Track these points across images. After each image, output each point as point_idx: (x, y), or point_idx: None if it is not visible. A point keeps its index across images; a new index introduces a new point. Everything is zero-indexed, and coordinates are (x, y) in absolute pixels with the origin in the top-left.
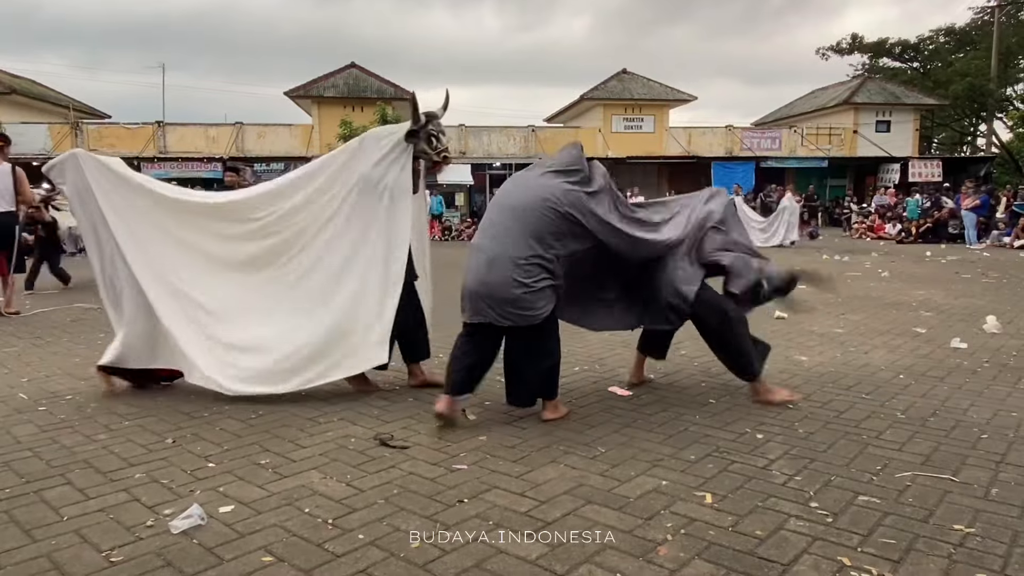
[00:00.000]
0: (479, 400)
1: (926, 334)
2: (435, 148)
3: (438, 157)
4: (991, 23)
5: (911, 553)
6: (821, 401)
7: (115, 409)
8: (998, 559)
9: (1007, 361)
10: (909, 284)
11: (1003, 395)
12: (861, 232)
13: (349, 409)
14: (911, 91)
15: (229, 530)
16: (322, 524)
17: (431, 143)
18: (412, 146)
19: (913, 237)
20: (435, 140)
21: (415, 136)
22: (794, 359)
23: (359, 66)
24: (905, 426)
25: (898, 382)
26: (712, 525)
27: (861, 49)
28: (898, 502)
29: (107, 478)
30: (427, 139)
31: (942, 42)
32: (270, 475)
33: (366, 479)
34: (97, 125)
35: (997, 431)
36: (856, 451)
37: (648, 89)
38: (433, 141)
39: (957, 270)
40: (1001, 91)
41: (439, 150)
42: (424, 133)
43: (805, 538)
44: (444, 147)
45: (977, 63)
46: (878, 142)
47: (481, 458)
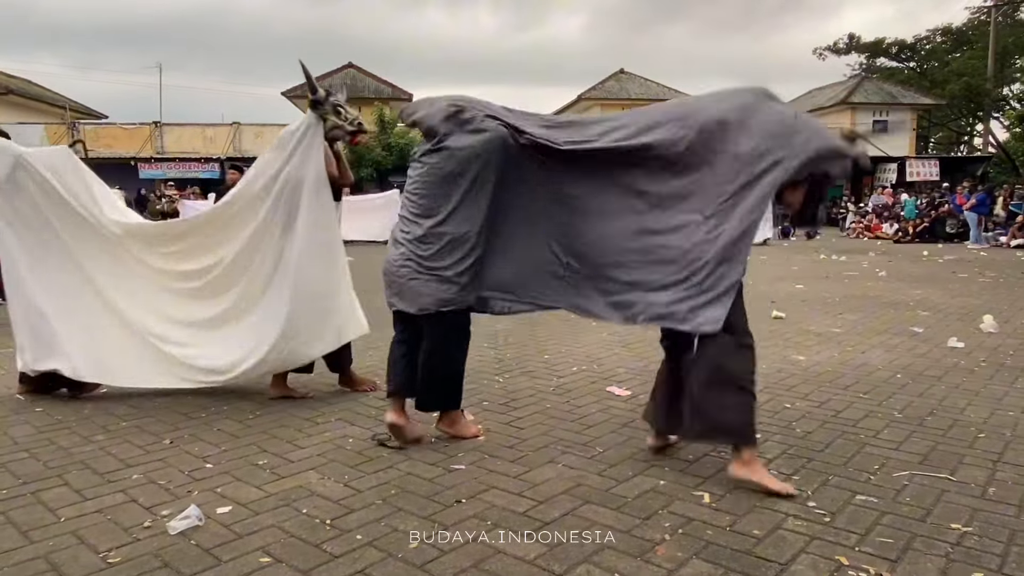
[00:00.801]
0: (477, 401)
1: (923, 333)
2: (345, 119)
3: (353, 127)
4: (988, 23)
5: (908, 552)
6: (819, 400)
7: (112, 410)
8: (995, 558)
9: (1004, 360)
10: (906, 283)
11: (1000, 394)
12: (858, 232)
13: (347, 410)
14: (908, 91)
15: (227, 531)
16: (320, 525)
17: (339, 114)
18: (322, 125)
19: (910, 237)
20: (343, 110)
21: (321, 107)
22: (791, 359)
23: (356, 66)
24: (902, 425)
25: (895, 381)
26: (710, 524)
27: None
28: (896, 501)
29: (104, 479)
30: (334, 111)
31: (939, 42)
32: (268, 476)
33: (364, 479)
34: (94, 125)
35: (994, 430)
36: (854, 450)
37: (646, 89)
38: (341, 112)
39: (954, 269)
40: (998, 91)
41: (350, 119)
42: (329, 104)
43: (803, 537)
44: (355, 116)
45: (974, 63)
46: (875, 142)
47: (479, 458)
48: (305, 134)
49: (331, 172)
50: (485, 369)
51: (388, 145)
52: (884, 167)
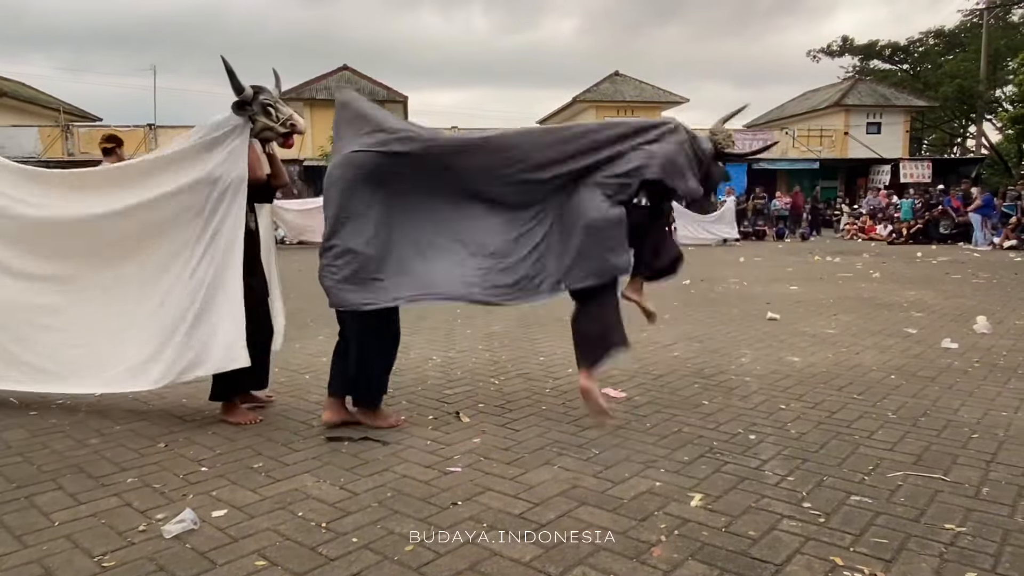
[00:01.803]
0: (472, 403)
1: (917, 334)
2: (277, 119)
3: (285, 128)
4: (980, 25)
5: (903, 552)
6: (813, 401)
7: (107, 414)
8: (989, 558)
9: (997, 361)
10: (900, 285)
11: (993, 395)
12: (852, 233)
13: None
14: (901, 93)
15: (222, 534)
16: (316, 528)
17: (269, 114)
18: (249, 126)
19: (904, 238)
20: (273, 110)
21: (248, 107)
22: (786, 360)
23: (351, 68)
24: (896, 426)
25: (889, 382)
26: (705, 526)
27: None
28: (890, 502)
29: (99, 483)
30: (263, 110)
31: (932, 44)
32: (263, 479)
33: (359, 482)
34: (88, 128)
35: (987, 431)
36: (848, 451)
37: (640, 91)
38: (272, 112)
39: (948, 271)
40: (990, 93)
41: (282, 119)
42: (258, 104)
43: (798, 538)
44: (287, 115)
45: (966, 65)
46: (869, 143)
47: (475, 460)
48: (229, 136)
49: (259, 176)
50: (481, 371)
51: None
52: (878, 169)
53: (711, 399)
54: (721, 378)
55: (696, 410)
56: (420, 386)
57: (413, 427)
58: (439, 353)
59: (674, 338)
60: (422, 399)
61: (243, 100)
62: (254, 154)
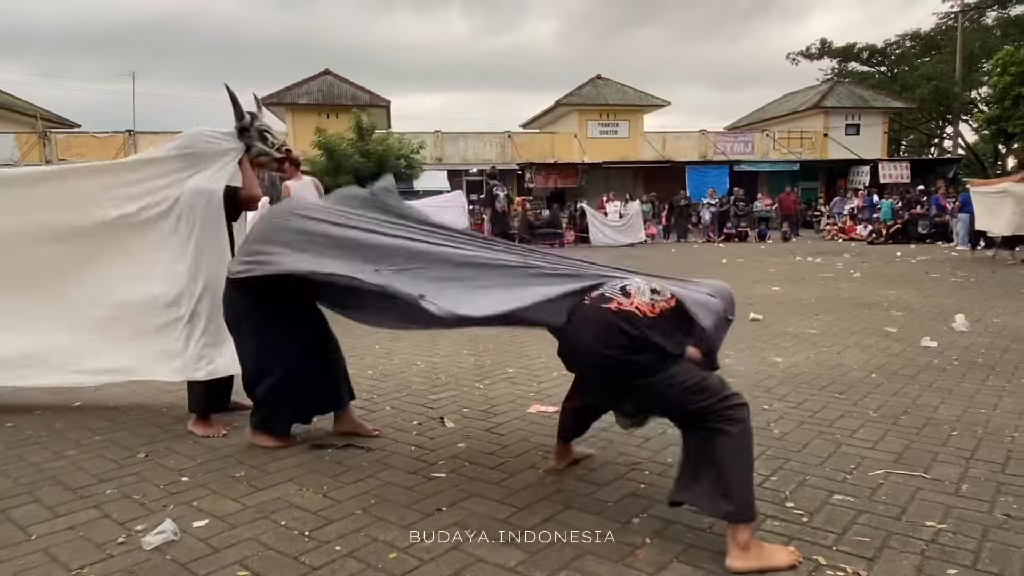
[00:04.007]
0: (457, 408)
1: (897, 333)
2: (272, 145)
3: (280, 153)
4: (955, 28)
5: (885, 550)
6: (796, 401)
7: (85, 424)
8: (969, 554)
9: (976, 359)
10: (880, 284)
11: (972, 392)
12: (833, 233)
13: (326, 418)
14: (879, 95)
15: (203, 545)
16: (298, 536)
17: (265, 139)
18: (244, 151)
19: (884, 238)
20: (269, 136)
21: (246, 133)
22: (769, 360)
23: (333, 73)
24: (878, 424)
25: (870, 381)
26: (689, 527)
27: (830, 54)
28: (871, 500)
29: (77, 495)
30: (260, 136)
31: (908, 47)
32: (245, 488)
33: (343, 490)
34: (65, 134)
35: (967, 428)
36: (830, 450)
37: (622, 94)
38: (268, 138)
39: (927, 270)
40: (966, 94)
41: (277, 146)
42: (255, 130)
43: (781, 538)
44: (281, 142)
45: (942, 67)
46: (848, 145)
47: (459, 466)
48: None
49: (255, 194)
50: (465, 376)
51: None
52: (857, 170)
53: None
54: None
55: None
56: (404, 392)
57: (398, 433)
58: (423, 358)
59: None
60: (406, 405)
61: (243, 127)
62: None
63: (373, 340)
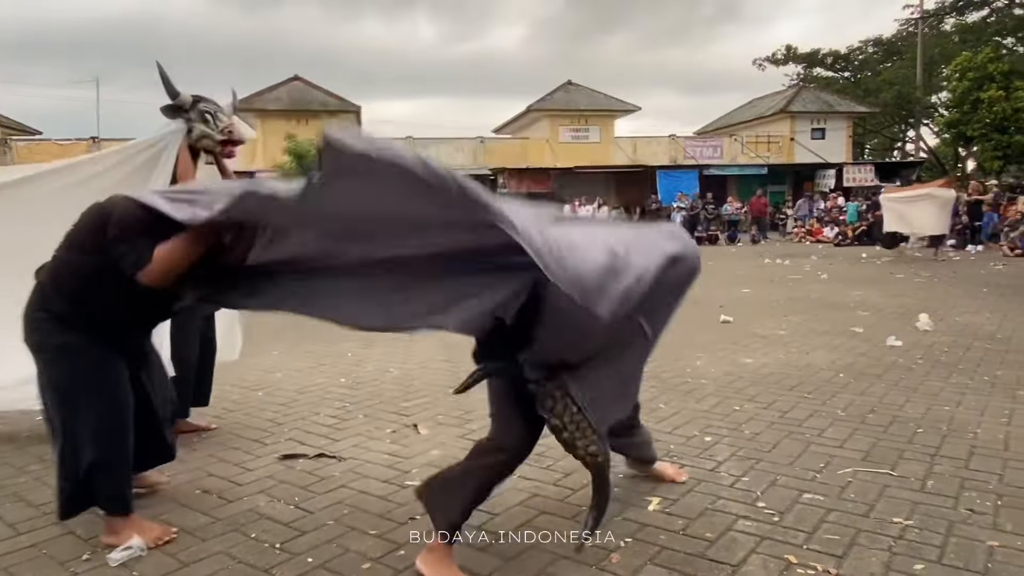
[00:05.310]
0: (431, 414)
1: (863, 333)
2: (215, 127)
3: (223, 135)
4: (915, 34)
5: (854, 548)
6: (766, 402)
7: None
8: (935, 549)
9: (939, 357)
10: (847, 285)
11: (936, 390)
12: (800, 236)
13: (297, 428)
14: (844, 99)
15: (172, 560)
16: (269, 549)
17: (207, 121)
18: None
19: (849, 240)
20: (212, 118)
21: (183, 112)
22: (740, 361)
23: (302, 78)
24: (845, 423)
25: (838, 381)
26: (663, 530)
27: (795, 59)
28: (840, 498)
29: (40, 511)
30: (201, 117)
31: (871, 52)
32: (215, 501)
33: (315, 500)
34: (27, 141)
35: (931, 425)
36: (800, 450)
37: (593, 100)
38: (210, 119)
39: (891, 271)
40: (927, 99)
41: (221, 127)
42: (196, 112)
43: (753, 538)
44: (227, 123)
45: (904, 72)
46: (814, 149)
47: (433, 473)
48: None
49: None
50: (439, 383)
51: None
52: (823, 173)
53: (667, 402)
54: (677, 381)
55: (653, 414)
56: (377, 400)
57: (371, 441)
58: (397, 366)
59: None
60: (379, 413)
61: (179, 104)
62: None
63: (345, 348)
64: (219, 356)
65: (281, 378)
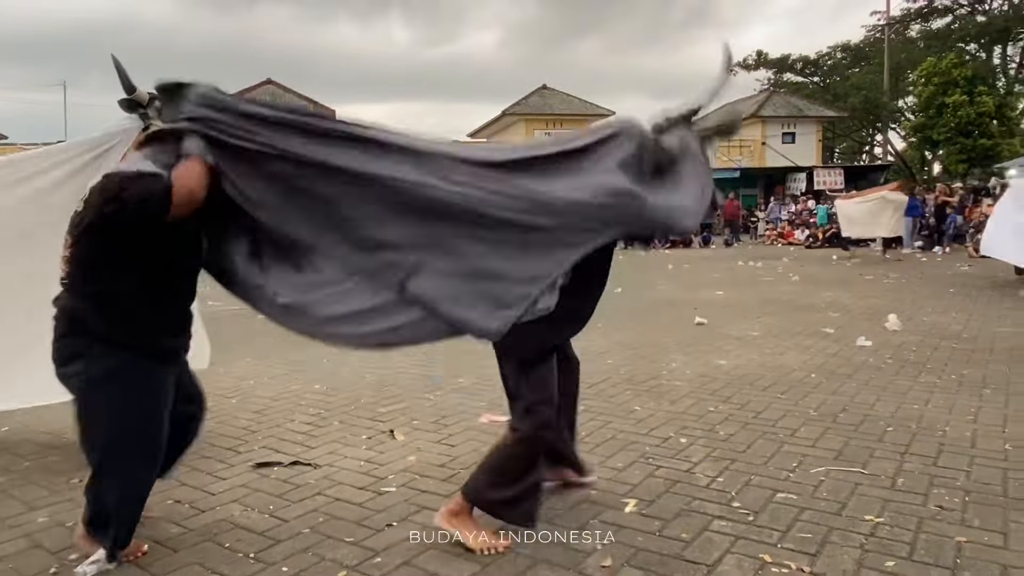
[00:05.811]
0: (407, 419)
1: (834, 334)
2: None
3: None
4: (882, 40)
5: (826, 546)
6: (740, 403)
7: (14, 449)
8: (905, 546)
9: (908, 356)
10: (818, 287)
11: (905, 389)
12: (772, 238)
13: (271, 436)
14: (813, 104)
15: (142, 572)
16: (243, 559)
17: None
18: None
19: (820, 242)
20: None
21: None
22: (714, 363)
23: (275, 82)
24: (817, 423)
25: (810, 381)
26: (640, 531)
27: (766, 65)
28: (813, 497)
29: (5, 524)
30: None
31: (839, 58)
32: (187, 511)
33: (290, 508)
34: None
35: (901, 424)
36: (773, 450)
37: (568, 104)
38: None
39: (861, 272)
40: (894, 103)
41: None
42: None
43: (728, 538)
44: None
45: (871, 77)
46: (785, 152)
47: (410, 479)
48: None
49: None
50: (415, 388)
51: None
52: (794, 177)
53: (643, 404)
54: (653, 383)
55: (629, 416)
56: (353, 405)
57: (347, 448)
58: (372, 371)
59: (607, 346)
60: (355, 419)
61: (135, 100)
62: None
63: (321, 353)
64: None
65: (254, 384)
